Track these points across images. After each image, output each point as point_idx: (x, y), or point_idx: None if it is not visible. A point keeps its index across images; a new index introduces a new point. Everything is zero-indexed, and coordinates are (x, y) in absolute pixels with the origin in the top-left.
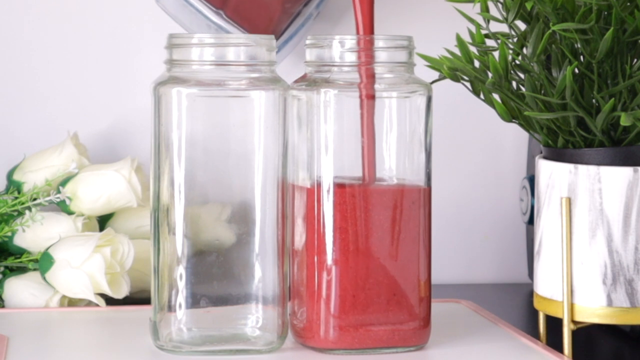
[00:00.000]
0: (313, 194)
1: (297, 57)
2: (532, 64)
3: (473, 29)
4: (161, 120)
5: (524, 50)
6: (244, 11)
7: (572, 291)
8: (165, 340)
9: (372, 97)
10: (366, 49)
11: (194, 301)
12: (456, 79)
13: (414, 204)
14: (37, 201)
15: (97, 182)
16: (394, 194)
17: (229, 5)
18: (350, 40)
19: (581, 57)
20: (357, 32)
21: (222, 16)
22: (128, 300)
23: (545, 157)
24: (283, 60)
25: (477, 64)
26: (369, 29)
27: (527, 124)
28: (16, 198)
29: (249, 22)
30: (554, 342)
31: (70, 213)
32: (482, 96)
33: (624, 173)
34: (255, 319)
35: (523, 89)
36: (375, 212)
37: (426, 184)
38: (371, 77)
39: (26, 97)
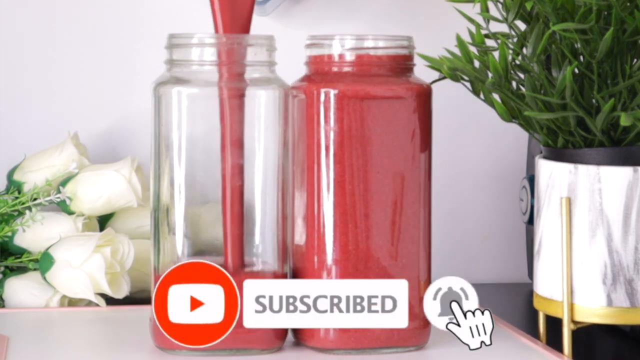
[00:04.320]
0: (313, 193)
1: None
2: (532, 64)
3: (473, 29)
4: (161, 120)
5: (524, 50)
6: None
7: (572, 291)
8: None
9: (373, 97)
10: (365, 49)
11: None
12: (456, 79)
13: (414, 204)
14: (38, 201)
15: (97, 182)
16: (394, 192)
17: None
18: (350, 40)
19: (581, 57)
20: (216, 31)
21: None
22: (128, 300)
23: (545, 157)
24: (274, 10)
25: (477, 64)
26: (227, 27)
27: (527, 124)
28: (16, 198)
29: None
30: (554, 342)
31: (70, 213)
32: (482, 96)
33: (624, 173)
34: None
35: (523, 89)
36: (376, 211)
37: (426, 184)
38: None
39: (26, 97)
